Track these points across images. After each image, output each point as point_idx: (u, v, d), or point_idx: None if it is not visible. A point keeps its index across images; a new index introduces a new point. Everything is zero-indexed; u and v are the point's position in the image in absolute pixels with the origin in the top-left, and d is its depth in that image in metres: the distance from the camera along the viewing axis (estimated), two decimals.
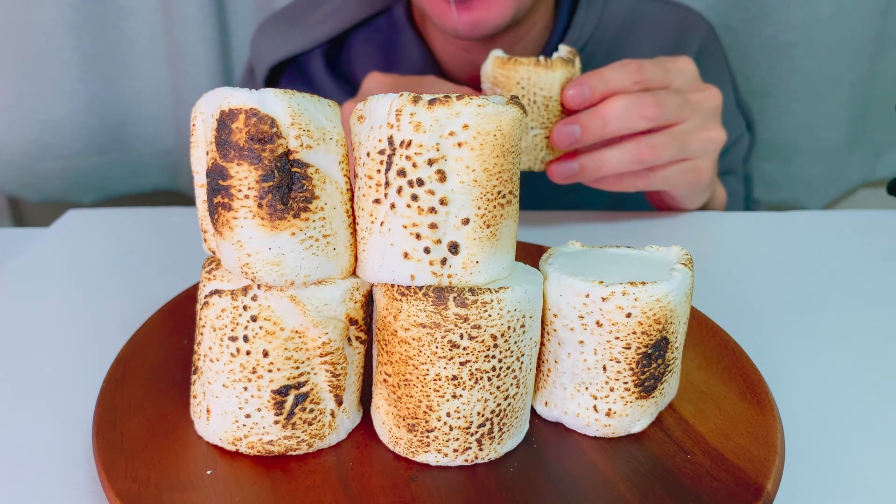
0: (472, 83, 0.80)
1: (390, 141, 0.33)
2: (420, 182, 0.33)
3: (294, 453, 0.36)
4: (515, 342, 0.34)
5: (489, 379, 0.34)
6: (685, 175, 0.62)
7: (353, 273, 0.37)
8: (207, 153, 0.34)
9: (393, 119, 0.33)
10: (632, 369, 0.36)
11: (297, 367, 0.35)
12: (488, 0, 0.65)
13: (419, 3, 0.70)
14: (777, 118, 1.17)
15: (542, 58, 0.57)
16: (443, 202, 0.33)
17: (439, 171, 0.32)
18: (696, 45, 0.82)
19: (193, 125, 0.36)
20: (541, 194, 0.79)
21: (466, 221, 0.33)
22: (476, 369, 0.34)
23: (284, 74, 0.86)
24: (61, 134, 1.19)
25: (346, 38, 0.85)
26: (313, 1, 0.88)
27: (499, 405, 0.35)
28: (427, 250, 0.33)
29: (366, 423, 0.39)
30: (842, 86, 1.14)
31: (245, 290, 0.35)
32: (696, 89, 0.61)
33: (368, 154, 0.34)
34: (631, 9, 0.83)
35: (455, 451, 0.35)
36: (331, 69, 0.84)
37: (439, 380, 0.34)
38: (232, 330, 0.35)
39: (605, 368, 0.36)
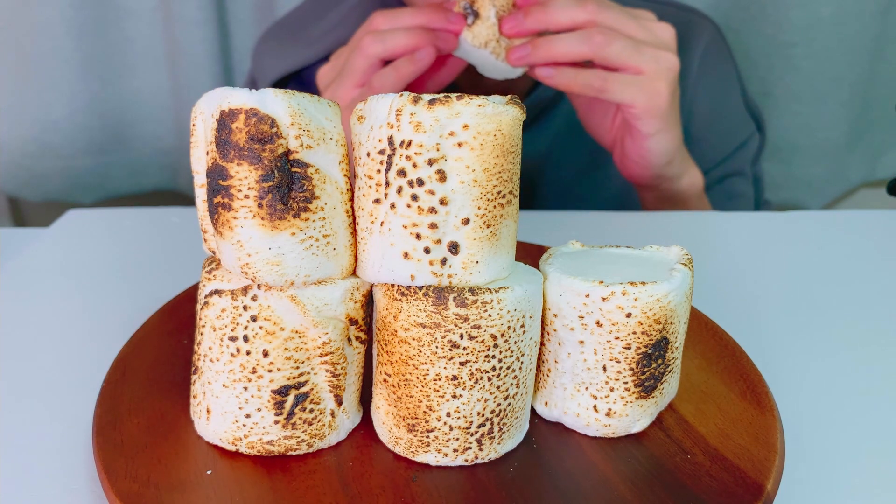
0: (475, 92, 0.80)
1: (390, 141, 0.33)
2: (420, 182, 0.33)
3: (294, 453, 0.36)
4: (515, 342, 0.35)
5: (489, 379, 0.34)
6: (641, 88, 0.62)
7: (353, 273, 0.37)
8: (207, 153, 0.34)
9: (393, 119, 0.33)
10: (632, 369, 0.36)
11: (297, 367, 0.35)
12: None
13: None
14: (777, 118, 1.17)
15: None
16: (443, 202, 0.33)
17: (439, 171, 0.32)
18: (701, 46, 0.82)
19: (193, 125, 0.36)
20: (541, 194, 0.79)
21: (466, 221, 0.33)
22: (476, 369, 0.34)
23: (287, 88, 0.86)
24: (61, 134, 1.19)
25: None
26: (315, 12, 0.88)
27: (499, 405, 0.35)
28: (427, 250, 0.33)
29: (366, 423, 0.39)
30: (842, 86, 1.14)
31: (245, 290, 0.35)
32: (650, 19, 0.64)
33: (368, 154, 0.34)
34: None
35: (455, 451, 0.35)
36: None
37: (439, 380, 0.34)
38: (232, 330, 0.35)
39: (605, 368, 0.37)
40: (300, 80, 0.85)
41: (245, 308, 0.35)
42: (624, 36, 0.60)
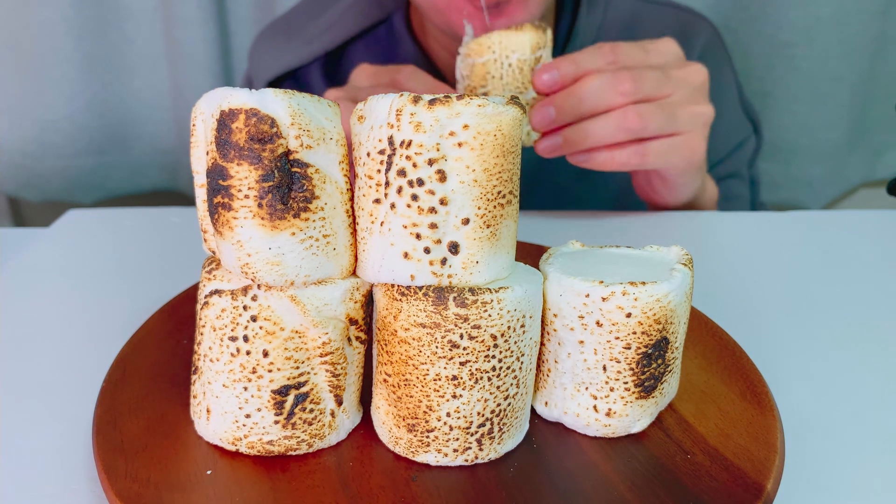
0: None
1: (390, 141, 0.33)
2: (420, 182, 0.33)
3: (294, 453, 0.36)
4: (515, 342, 0.35)
5: (489, 379, 0.34)
6: (679, 150, 0.60)
7: (353, 273, 0.37)
8: (207, 153, 0.34)
9: (393, 119, 0.33)
10: (632, 369, 0.36)
11: (297, 367, 0.35)
12: (518, 3, 0.65)
13: (432, 13, 0.69)
14: (777, 118, 1.17)
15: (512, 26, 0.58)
16: (443, 202, 0.33)
17: (439, 171, 0.32)
18: (699, 46, 0.82)
19: (193, 125, 0.36)
20: (541, 194, 0.79)
21: (466, 221, 0.33)
22: (476, 369, 0.34)
23: (283, 87, 0.86)
24: (61, 134, 1.19)
25: (345, 49, 0.85)
26: (311, 11, 0.88)
27: (499, 405, 0.35)
28: (427, 250, 0.33)
29: (366, 423, 0.39)
30: (842, 86, 1.14)
31: (245, 290, 0.35)
32: (678, 66, 0.60)
33: (368, 154, 0.34)
34: (633, 12, 0.82)
35: (455, 451, 0.35)
36: (330, 81, 0.84)
37: (439, 380, 0.34)
38: (232, 330, 0.35)
39: (605, 368, 0.36)
40: (296, 79, 0.85)
41: (245, 308, 0.35)
42: (660, 108, 0.57)
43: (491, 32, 0.56)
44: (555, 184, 0.84)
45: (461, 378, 0.34)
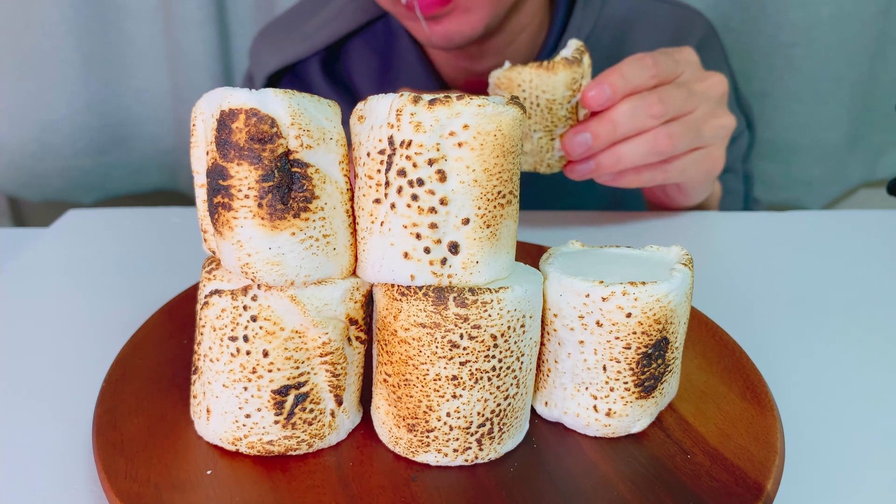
0: (469, 88, 0.80)
1: (390, 141, 0.33)
2: (420, 182, 0.33)
3: (294, 453, 0.36)
4: (515, 342, 0.34)
5: (489, 379, 0.34)
6: (701, 164, 0.61)
7: (353, 273, 0.37)
8: (207, 153, 0.34)
9: (393, 119, 0.33)
10: (632, 369, 0.36)
11: (297, 367, 0.35)
12: (457, 15, 0.65)
13: (396, 17, 0.70)
14: (777, 118, 1.17)
15: (545, 61, 0.57)
16: (443, 202, 0.33)
17: (439, 171, 0.32)
18: (694, 42, 0.82)
19: (193, 125, 0.36)
20: (541, 194, 0.79)
21: (466, 221, 0.33)
22: (476, 369, 0.34)
23: (282, 82, 0.86)
24: (61, 134, 1.19)
25: (344, 44, 0.85)
26: (310, 8, 0.88)
27: (499, 405, 0.35)
28: (427, 250, 0.33)
29: (366, 423, 0.39)
30: (842, 86, 1.14)
31: (245, 290, 0.35)
32: (700, 79, 0.61)
33: (369, 154, 0.34)
34: (629, 8, 0.82)
35: (455, 451, 0.35)
36: (328, 76, 0.85)
37: (439, 380, 0.34)
38: (232, 330, 0.35)
39: (605, 368, 0.36)
40: (294, 73, 0.86)
41: (245, 308, 0.35)
42: (686, 127, 0.58)
43: (523, 68, 0.56)
44: (554, 183, 0.84)
45: (461, 378, 0.34)
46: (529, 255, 0.54)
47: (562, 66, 0.56)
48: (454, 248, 0.33)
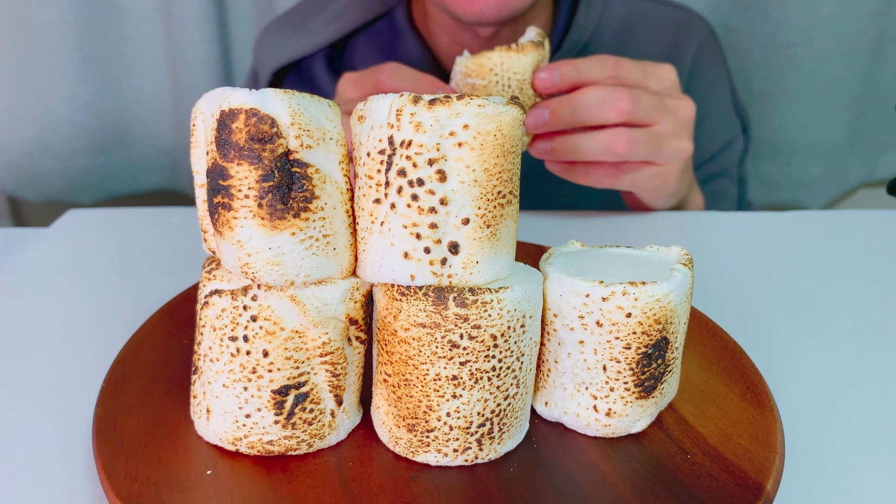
0: None
1: (390, 141, 0.33)
2: (420, 182, 0.33)
3: (294, 453, 0.36)
4: (515, 342, 0.34)
5: (489, 379, 0.34)
6: (652, 180, 0.62)
7: (353, 273, 0.37)
8: (207, 153, 0.34)
9: (393, 119, 0.33)
10: (632, 369, 0.36)
11: (297, 367, 0.35)
12: None
13: None
14: (777, 118, 1.17)
15: (513, 44, 0.57)
16: (443, 202, 0.33)
17: (439, 171, 0.32)
18: (694, 45, 0.82)
19: (193, 125, 0.36)
20: (541, 194, 0.79)
21: (466, 221, 0.33)
22: (476, 369, 0.34)
23: (287, 78, 0.86)
24: (61, 134, 1.19)
25: (348, 41, 0.86)
26: (315, 5, 0.89)
27: (499, 405, 0.35)
28: (427, 250, 0.33)
29: (366, 423, 0.39)
30: (842, 86, 1.14)
31: (245, 290, 0.35)
32: (673, 97, 0.61)
33: (369, 154, 0.34)
34: (630, 10, 0.83)
35: (455, 451, 0.35)
36: (333, 72, 0.85)
37: (439, 380, 0.34)
38: (232, 330, 0.35)
39: (605, 368, 0.36)
40: (299, 70, 0.86)
41: (245, 308, 0.35)
42: (648, 137, 0.58)
43: (492, 53, 0.56)
44: (554, 183, 0.84)
45: (461, 378, 0.34)
46: (529, 255, 0.54)
47: (531, 48, 0.56)
48: (454, 248, 0.33)
